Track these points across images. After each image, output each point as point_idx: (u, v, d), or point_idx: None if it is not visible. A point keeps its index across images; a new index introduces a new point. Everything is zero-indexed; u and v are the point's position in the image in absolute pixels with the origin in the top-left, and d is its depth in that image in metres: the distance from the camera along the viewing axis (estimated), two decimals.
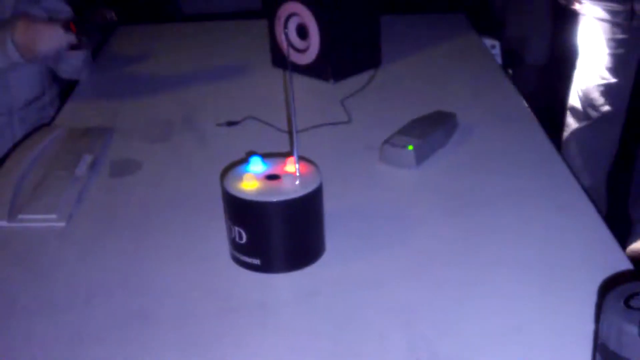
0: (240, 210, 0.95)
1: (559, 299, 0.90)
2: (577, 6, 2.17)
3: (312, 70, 1.58)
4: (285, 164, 0.98)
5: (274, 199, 0.93)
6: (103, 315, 0.90)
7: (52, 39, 1.43)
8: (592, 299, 0.87)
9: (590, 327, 0.81)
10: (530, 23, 3.79)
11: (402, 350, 0.83)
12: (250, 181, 0.95)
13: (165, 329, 0.88)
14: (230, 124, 1.40)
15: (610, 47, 2.14)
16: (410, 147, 1.21)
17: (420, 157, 1.22)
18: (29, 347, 0.86)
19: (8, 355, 0.85)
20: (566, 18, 2.29)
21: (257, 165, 0.98)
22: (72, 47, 1.47)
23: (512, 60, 2.20)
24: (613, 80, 2.17)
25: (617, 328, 0.67)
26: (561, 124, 2.35)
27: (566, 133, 2.31)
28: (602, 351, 0.69)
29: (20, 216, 1.10)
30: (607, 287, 0.84)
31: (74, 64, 1.66)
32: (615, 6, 2.08)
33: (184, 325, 0.88)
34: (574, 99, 2.28)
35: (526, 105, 1.47)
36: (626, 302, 0.67)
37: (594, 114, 2.24)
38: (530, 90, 2.22)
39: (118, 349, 0.85)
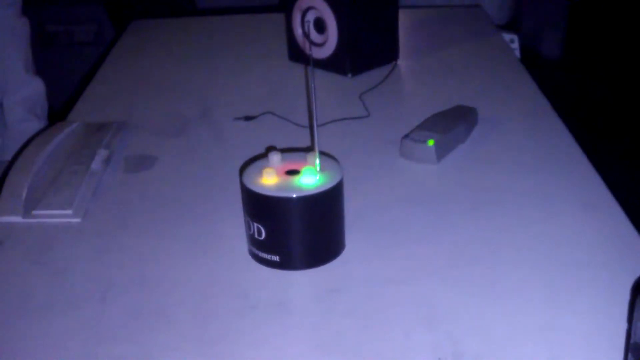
0: (260, 206, 0.93)
1: (588, 297, 0.88)
2: None
3: (329, 64, 1.56)
4: (305, 159, 0.96)
5: (294, 194, 0.91)
6: (119, 312, 0.89)
7: None
8: (624, 297, 0.85)
9: (622, 326, 0.79)
10: (546, 17, 3.78)
11: (426, 348, 0.81)
12: (270, 176, 0.93)
13: (182, 326, 0.86)
14: (248, 118, 1.39)
15: None
16: (431, 142, 1.19)
17: (441, 152, 1.20)
18: (44, 343, 0.84)
19: (23, 352, 0.83)
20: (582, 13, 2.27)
21: (276, 161, 0.96)
22: None
23: (527, 55, 2.18)
24: None
25: None
26: (579, 119, 2.33)
27: None
28: (635, 351, 0.68)
29: (35, 212, 1.09)
30: None
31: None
32: None
33: (201, 323, 0.86)
34: None
35: (547, 100, 1.45)
36: None
37: None
38: (546, 85, 2.20)
39: (134, 346, 0.83)
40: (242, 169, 0.98)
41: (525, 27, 3.70)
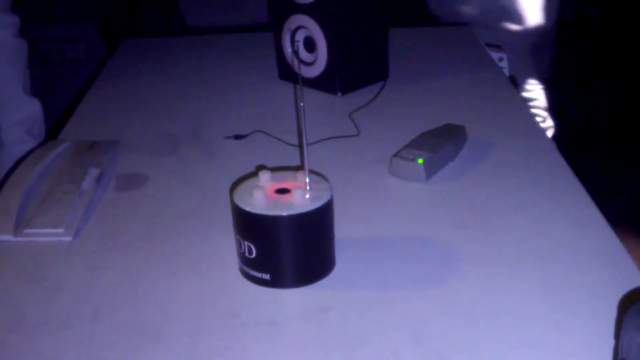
0: (250, 225, 0.94)
1: (576, 314, 0.88)
2: None
3: (319, 83, 1.57)
4: (295, 178, 0.97)
5: (285, 213, 0.92)
6: (110, 331, 0.89)
7: None
8: (610, 314, 0.86)
9: (609, 342, 0.80)
10: (535, 36, 3.79)
11: None
12: (260, 195, 0.94)
13: (173, 344, 0.86)
14: (238, 137, 1.39)
15: None
16: (420, 161, 1.20)
17: (430, 170, 1.21)
18: None
19: None
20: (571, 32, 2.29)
21: (266, 179, 0.97)
22: None
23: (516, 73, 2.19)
24: None
25: (638, 343, 0.66)
26: (566, 136, 2.35)
27: None
28: None
29: (26, 230, 1.09)
30: (627, 302, 0.83)
31: None
32: None
33: (192, 341, 0.87)
34: None
35: (535, 117, 1.46)
36: None
37: None
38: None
39: None
40: (233, 188, 0.98)
41: (514, 45, 3.71)
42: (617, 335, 0.70)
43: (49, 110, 1.92)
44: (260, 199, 0.94)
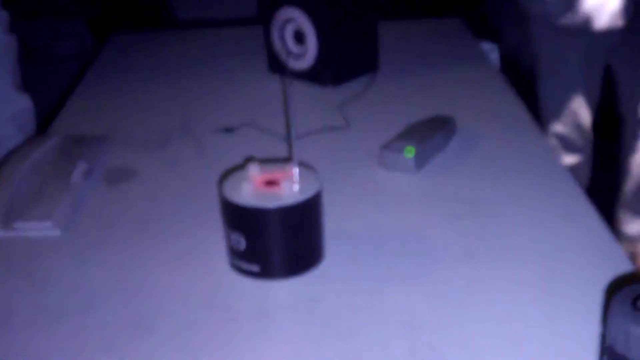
0: (239, 217, 0.94)
1: (563, 302, 0.89)
2: None
3: (309, 76, 1.57)
4: (284, 170, 0.97)
5: (273, 205, 0.92)
6: (100, 325, 0.89)
7: None
8: (597, 301, 0.86)
9: (595, 330, 0.80)
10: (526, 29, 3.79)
11: (404, 357, 0.81)
12: (249, 187, 0.94)
13: (163, 338, 0.86)
14: (228, 130, 1.39)
15: None
16: (410, 151, 1.20)
17: (420, 161, 1.21)
18: (25, 357, 0.85)
19: None
20: None
21: (255, 172, 0.97)
22: None
23: (507, 66, 2.19)
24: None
25: (624, 330, 0.66)
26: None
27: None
28: (609, 354, 0.68)
29: (15, 224, 1.09)
30: (613, 290, 0.83)
31: None
32: None
33: (183, 334, 0.87)
34: None
35: (525, 109, 1.46)
36: (633, 304, 0.67)
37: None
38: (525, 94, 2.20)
39: (116, 359, 0.84)
40: (222, 180, 0.98)
41: (504, 37, 3.71)
42: (604, 323, 0.70)
43: (40, 106, 1.91)
44: (248, 191, 0.94)
